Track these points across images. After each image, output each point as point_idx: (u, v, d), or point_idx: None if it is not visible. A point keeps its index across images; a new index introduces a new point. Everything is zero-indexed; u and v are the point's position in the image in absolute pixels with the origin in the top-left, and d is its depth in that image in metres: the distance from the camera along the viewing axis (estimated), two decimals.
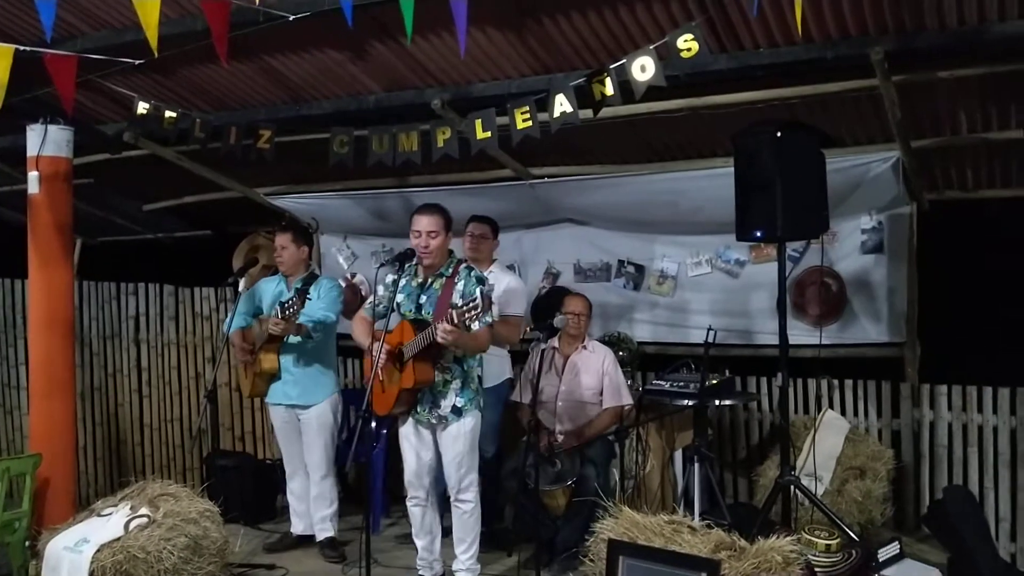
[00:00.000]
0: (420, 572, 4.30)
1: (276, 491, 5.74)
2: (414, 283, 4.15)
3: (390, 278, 4.13)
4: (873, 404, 5.37)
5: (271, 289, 5.04)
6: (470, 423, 4.09)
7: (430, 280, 4.11)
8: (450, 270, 4.10)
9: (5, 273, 6.66)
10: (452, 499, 4.13)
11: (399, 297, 4.09)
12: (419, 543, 4.29)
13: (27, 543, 4.39)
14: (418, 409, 4.08)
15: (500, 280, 4.74)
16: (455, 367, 4.06)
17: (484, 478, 4.93)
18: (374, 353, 3.97)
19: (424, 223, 4.04)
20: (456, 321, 3.66)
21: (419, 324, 3.98)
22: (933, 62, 3.97)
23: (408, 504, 4.26)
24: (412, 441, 4.16)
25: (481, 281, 4.04)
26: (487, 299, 3.69)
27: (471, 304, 3.62)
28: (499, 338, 4.57)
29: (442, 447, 4.10)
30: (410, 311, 4.10)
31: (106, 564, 3.87)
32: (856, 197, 5.03)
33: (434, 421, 4.08)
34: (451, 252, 4.19)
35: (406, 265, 4.09)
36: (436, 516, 4.28)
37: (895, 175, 4.75)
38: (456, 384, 4.05)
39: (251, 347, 4.93)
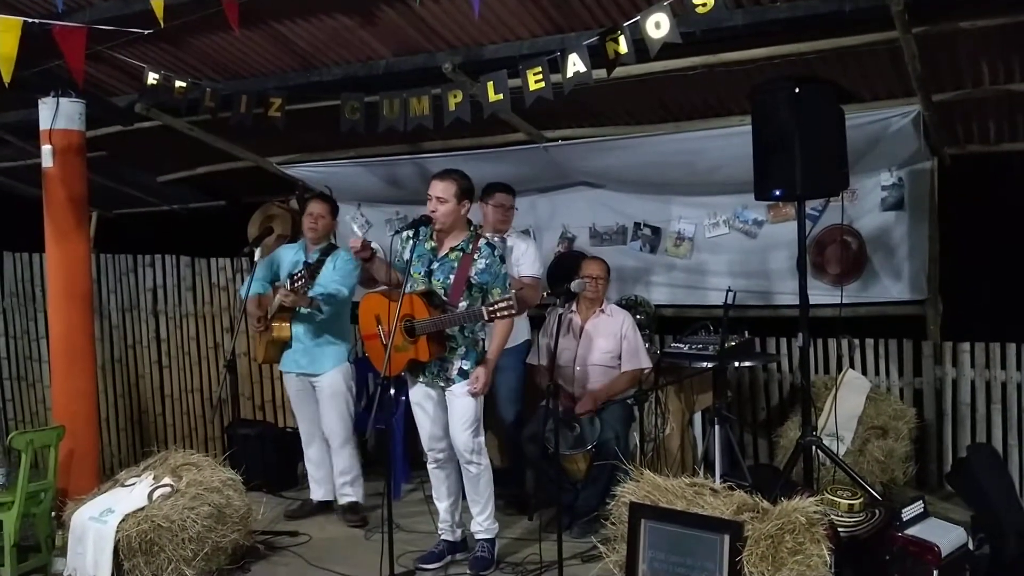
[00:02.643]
0: (441, 535, 4.33)
1: (297, 459, 5.77)
2: (427, 245, 4.13)
3: (406, 233, 4.12)
4: (895, 363, 5.33)
5: (289, 257, 5.03)
6: None
7: (446, 251, 4.09)
8: (470, 246, 4.08)
9: (23, 247, 6.70)
10: (462, 463, 4.15)
11: (408, 255, 4.08)
12: (440, 506, 4.31)
13: (52, 514, 4.45)
14: (425, 373, 4.12)
15: (518, 245, 5.01)
16: (459, 336, 4.07)
17: (508, 442, 4.97)
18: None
19: (435, 188, 4.05)
20: (488, 318, 3.79)
21: (430, 297, 3.97)
22: (955, 12, 3.87)
23: (428, 467, 4.28)
24: (424, 405, 4.19)
25: (503, 260, 4.10)
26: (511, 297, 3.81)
27: (502, 303, 3.73)
28: (520, 302, 4.58)
29: (450, 410, 4.12)
30: (419, 273, 4.09)
31: (131, 533, 3.92)
32: (876, 153, 4.95)
33: (442, 384, 4.11)
34: (470, 223, 4.18)
35: (420, 229, 4.10)
36: (457, 478, 4.29)
37: (915, 130, 4.66)
38: (461, 351, 4.08)
39: (263, 314, 4.93)
